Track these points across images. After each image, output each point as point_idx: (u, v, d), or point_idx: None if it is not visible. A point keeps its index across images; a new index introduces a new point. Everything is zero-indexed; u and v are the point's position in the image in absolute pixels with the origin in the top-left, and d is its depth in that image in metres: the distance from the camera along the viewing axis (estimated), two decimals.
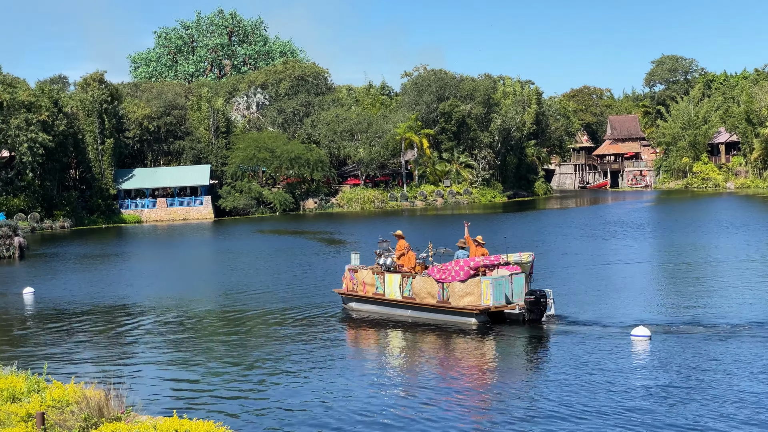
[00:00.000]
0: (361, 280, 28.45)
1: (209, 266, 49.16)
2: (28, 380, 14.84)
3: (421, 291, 26.52)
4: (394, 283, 27.39)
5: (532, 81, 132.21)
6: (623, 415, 15.86)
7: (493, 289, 24.96)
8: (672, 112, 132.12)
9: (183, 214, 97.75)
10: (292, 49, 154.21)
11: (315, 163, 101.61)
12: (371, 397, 17.98)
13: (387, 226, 71.72)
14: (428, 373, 20.22)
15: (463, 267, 25.44)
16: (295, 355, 22.52)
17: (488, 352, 22.43)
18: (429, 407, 16.98)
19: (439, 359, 21.90)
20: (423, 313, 26.48)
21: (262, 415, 17.00)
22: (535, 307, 24.74)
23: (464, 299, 25.26)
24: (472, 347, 22.96)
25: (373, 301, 28.19)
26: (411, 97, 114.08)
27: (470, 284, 25.20)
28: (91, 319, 29.80)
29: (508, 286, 25.26)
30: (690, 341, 21.87)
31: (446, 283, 25.71)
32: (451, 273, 25.62)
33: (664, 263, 40.16)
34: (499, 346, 22.94)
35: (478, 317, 25.09)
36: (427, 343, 23.85)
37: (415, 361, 21.79)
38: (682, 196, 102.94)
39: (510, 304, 25.15)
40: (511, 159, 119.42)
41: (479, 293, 25.06)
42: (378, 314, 27.76)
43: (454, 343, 23.49)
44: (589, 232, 57.21)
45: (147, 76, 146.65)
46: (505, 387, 18.52)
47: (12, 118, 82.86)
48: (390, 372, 20.80)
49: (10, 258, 54.63)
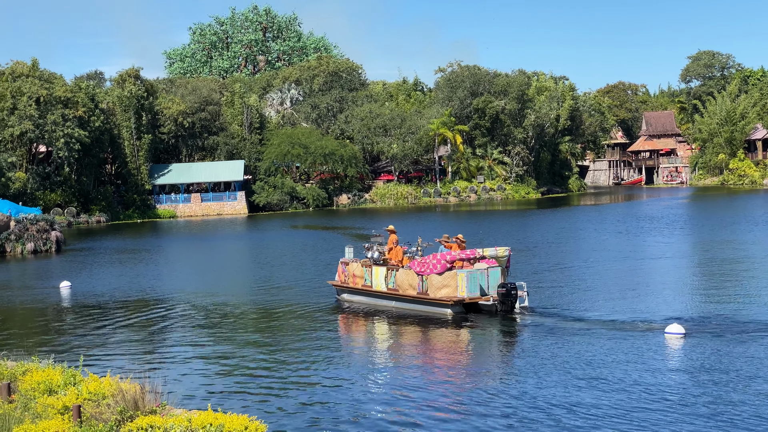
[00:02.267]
0: (352, 272, 30.11)
1: (241, 261, 49.43)
2: (64, 373, 14.99)
3: (404, 283, 28.04)
4: (380, 275, 28.99)
5: (567, 77, 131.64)
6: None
7: (468, 282, 26.48)
8: (708, 108, 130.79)
9: (217, 209, 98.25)
10: (325, 45, 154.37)
11: (348, 159, 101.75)
12: (374, 391, 18.04)
13: (420, 222, 71.74)
14: (405, 362, 21.35)
15: (440, 260, 26.79)
16: (313, 348, 22.75)
17: (458, 341, 23.96)
18: (405, 398, 17.39)
19: (416, 348, 23.36)
20: (405, 303, 28.06)
21: (293, 407, 17.07)
22: (506, 299, 26.06)
23: (441, 291, 26.69)
24: (445, 336, 24.47)
25: (362, 292, 29.75)
26: (444, 92, 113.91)
27: (447, 277, 26.62)
28: (127, 313, 30.06)
29: (484, 278, 26.80)
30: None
31: (425, 275, 27.13)
32: (429, 266, 27.03)
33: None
34: (468, 335, 24.33)
35: (453, 308, 26.54)
36: (407, 333, 25.32)
37: (396, 351, 22.95)
38: (718, 193, 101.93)
39: (485, 296, 26.60)
40: (544, 155, 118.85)
41: (455, 285, 26.51)
42: (366, 305, 29.26)
43: (430, 333, 24.83)
44: (621, 228, 56.86)
45: (182, 72, 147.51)
46: (469, 372, 19.91)
47: (49, 114, 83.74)
48: (377, 364, 21.26)
49: (47, 252, 55.22)
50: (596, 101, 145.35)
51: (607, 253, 42.64)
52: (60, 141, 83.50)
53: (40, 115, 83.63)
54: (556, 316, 25.81)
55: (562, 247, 46.73)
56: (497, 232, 58.06)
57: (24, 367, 16.03)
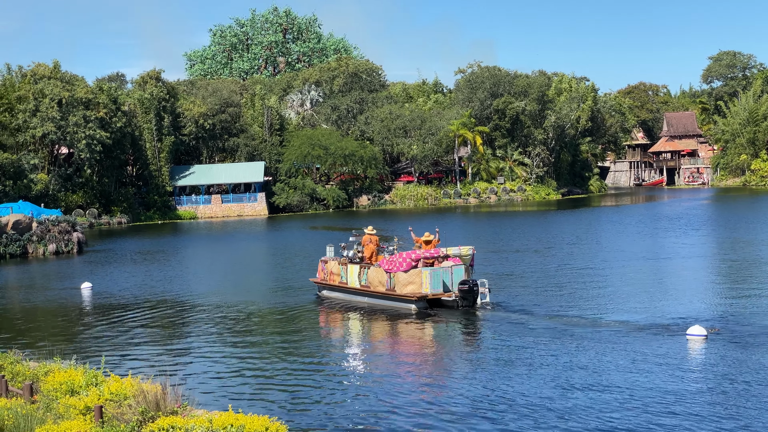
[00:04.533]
0: (330, 270, 31.83)
1: (261, 262, 49.55)
2: (86, 374, 15.06)
3: (374, 280, 29.71)
4: (354, 273, 30.69)
5: (587, 77, 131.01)
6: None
7: (431, 279, 28.09)
8: (731, 109, 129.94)
9: (237, 210, 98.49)
10: (345, 46, 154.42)
11: (368, 160, 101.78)
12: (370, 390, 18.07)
13: (439, 223, 71.59)
14: (368, 354, 23.06)
15: (405, 259, 28.45)
16: (324, 345, 22.85)
17: (419, 333, 25.69)
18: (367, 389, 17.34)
19: (383, 341, 25.25)
20: (375, 299, 29.68)
21: (313, 409, 17.09)
22: (467, 295, 27.72)
23: (407, 287, 28.31)
24: (409, 329, 26.17)
25: (338, 289, 31.48)
26: (464, 93, 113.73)
27: (412, 274, 28.29)
28: (148, 314, 30.18)
29: (448, 276, 28.31)
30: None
31: (393, 273, 28.76)
32: (396, 264, 28.62)
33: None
34: (429, 328, 26.00)
35: (418, 303, 28.06)
36: (377, 327, 27.02)
37: (369, 348, 24.29)
38: (740, 194, 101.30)
39: (447, 292, 28.11)
40: (565, 156, 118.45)
41: (420, 282, 28.17)
42: (343, 301, 30.91)
43: (396, 326, 26.55)
44: (640, 229, 56.62)
45: (202, 74, 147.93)
46: (424, 362, 21.82)
47: (71, 116, 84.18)
48: (355, 360, 21.77)
49: (68, 253, 55.53)
50: (617, 102, 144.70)
51: (615, 254, 42.50)
52: (82, 142, 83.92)
53: (61, 117, 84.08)
54: (517, 312, 27.13)
55: (564, 248, 46.62)
56: (516, 232, 57.96)
57: (46, 367, 16.12)
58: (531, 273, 37.22)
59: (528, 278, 35.51)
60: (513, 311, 27.34)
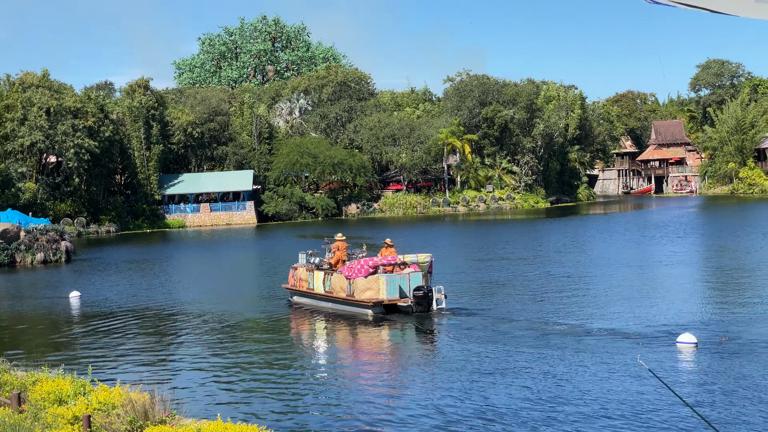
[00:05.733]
0: (299, 276, 32.91)
1: (248, 270, 49.51)
2: (74, 383, 15.01)
3: (336, 286, 30.62)
4: (319, 279, 31.67)
5: (575, 86, 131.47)
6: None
7: (388, 285, 28.98)
8: (719, 117, 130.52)
9: (226, 219, 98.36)
10: (334, 55, 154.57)
11: (357, 169, 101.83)
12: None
13: (428, 231, 71.77)
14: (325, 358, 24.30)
15: (363, 266, 29.34)
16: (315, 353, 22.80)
17: (373, 337, 26.85)
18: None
19: (346, 347, 26.19)
20: (338, 305, 30.61)
21: (304, 416, 17.08)
22: (422, 301, 28.52)
23: (365, 293, 29.19)
24: (368, 334, 27.26)
25: (306, 294, 32.40)
26: (453, 102, 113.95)
27: (370, 280, 29.16)
28: (136, 323, 30.11)
29: (405, 282, 29.14)
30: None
31: (352, 279, 29.61)
32: (355, 270, 29.48)
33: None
34: (383, 332, 27.06)
35: (374, 309, 28.99)
36: (339, 333, 28.02)
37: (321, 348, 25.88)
38: (728, 202, 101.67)
39: (404, 298, 28.90)
40: (554, 164, 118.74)
41: (377, 288, 29.04)
42: (310, 306, 31.84)
43: (355, 331, 27.58)
44: (628, 237, 56.77)
45: (191, 82, 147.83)
46: (373, 363, 22.93)
47: (59, 124, 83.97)
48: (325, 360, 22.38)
49: (56, 262, 55.34)
50: (605, 110, 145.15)
51: (601, 262, 42.61)
52: (70, 151, 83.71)
53: (50, 126, 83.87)
54: (472, 317, 27.81)
55: (551, 256, 46.71)
56: (504, 240, 58.03)
57: (34, 377, 16.06)
58: (512, 280, 37.38)
59: (507, 286, 35.73)
60: (469, 317, 27.91)
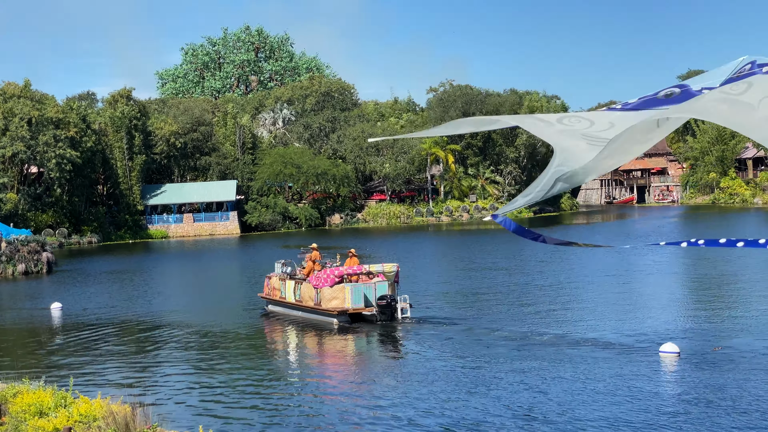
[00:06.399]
0: (272, 285, 33.40)
1: (230, 280, 49.40)
2: (55, 395, 14.94)
3: (305, 295, 31.14)
4: (290, 288, 32.21)
5: (558, 96, 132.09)
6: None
7: (352, 294, 29.44)
8: (700, 127, 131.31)
9: (209, 229, 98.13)
10: (318, 65, 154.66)
11: (341, 179, 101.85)
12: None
13: (411, 241, 71.80)
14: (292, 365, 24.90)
15: (329, 275, 29.84)
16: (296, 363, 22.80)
17: (340, 346, 27.21)
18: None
19: (313, 353, 27.14)
20: (307, 313, 31.16)
21: (283, 428, 17.05)
22: (385, 310, 29.00)
23: (332, 302, 29.69)
24: (333, 341, 27.80)
25: (279, 303, 32.99)
26: (437, 112, 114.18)
27: (336, 290, 29.64)
28: (118, 334, 29.98)
29: (371, 291, 29.54)
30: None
31: (319, 288, 30.13)
32: (322, 280, 30.01)
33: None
34: (349, 342, 27.36)
35: (339, 318, 29.45)
36: (309, 339, 28.67)
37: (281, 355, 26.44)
38: (709, 212, 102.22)
39: (369, 307, 29.38)
40: (537, 174, 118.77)
41: (343, 297, 29.54)
42: (283, 315, 32.34)
43: (323, 339, 28.17)
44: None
45: (174, 92, 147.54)
46: (334, 368, 24.05)
47: (41, 135, 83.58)
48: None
49: (38, 273, 55.02)
50: None
51: (581, 272, 42.77)
52: (52, 162, 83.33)
53: (31, 136, 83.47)
54: (435, 325, 28.35)
55: (533, 266, 46.85)
56: (486, 250, 58.13)
57: (14, 389, 15.97)
58: (489, 290, 37.50)
59: (483, 295, 35.86)
60: (433, 325, 28.24)
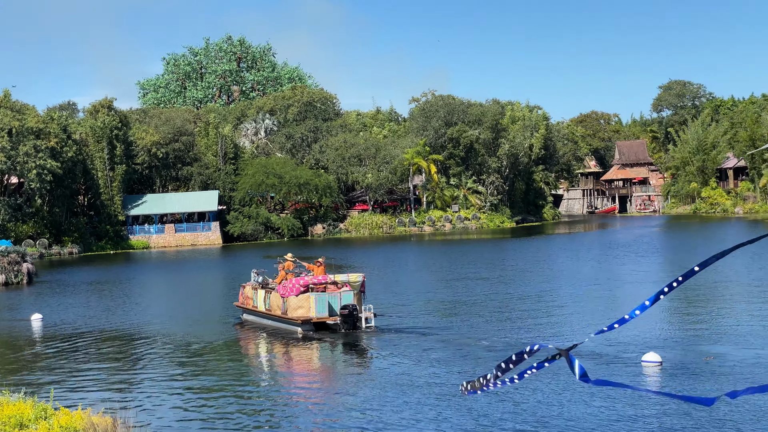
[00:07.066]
0: (246, 294, 34.02)
1: (210, 291, 49.24)
2: (35, 407, 14.82)
3: (273, 304, 31.60)
4: (261, 297, 32.72)
5: (540, 106, 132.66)
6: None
7: (316, 304, 29.93)
8: (681, 137, 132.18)
9: (191, 239, 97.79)
10: (300, 75, 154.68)
11: (323, 189, 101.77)
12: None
13: (393, 251, 71.81)
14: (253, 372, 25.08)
15: (295, 285, 30.32)
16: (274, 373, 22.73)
17: (302, 354, 27.78)
18: None
19: (286, 362, 27.47)
20: (275, 322, 31.61)
21: None
22: (348, 319, 29.36)
23: (297, 311, 30.15)
24: (297, 349, 28.20)
25: (252, 312, 33.52)
26: (419, 122, 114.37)
27: (301, 299, 30.14)
28: (99, 346, 29.80)
29: (336, 301, 29.97)
30: None
31: (285, 297, 30.50)
32: (288, 289, 30.44)
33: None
34: (310, 349, 27.98)
35: (303, 326, 29.97)
36: (274, 347, 29.13)
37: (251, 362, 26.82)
38: (690, 221, 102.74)
39: (333, 316, 29.81)
40: (519, 184, 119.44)
41: (308, 306, 30.01)
42: (256, 323, 32.81)
43: (287, 347, 28.62)
44: (591, 256, 57.15)
45: (155, 102, 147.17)
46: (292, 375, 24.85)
47: (21, 145, 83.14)
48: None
49: (18, 284, 54.65)
50: (570, 130, 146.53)
51: (563, 281, 42.85)
52: (32, 172, 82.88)
53: (12, 147, 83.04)
54: (400, 334, 28.71)
55: (515, 276, 46.93)
56: (468, 260, 58.19)
57: None
58: (467, 300, 37.57)
59: (461, 305, 36.00)
60: (398, 334, 28.59)
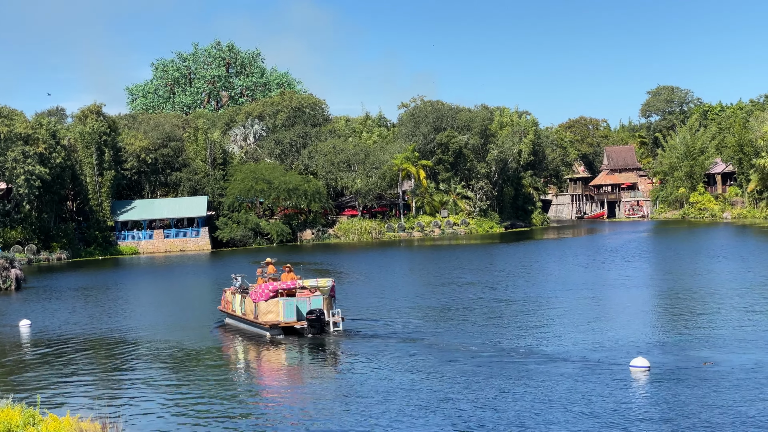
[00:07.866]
0: (226, 299, 35.11)
1: (198, 297, 49.17)
2: (23, 413, 14.79)
3: (247, 309, 32.53)
4: (238, 302, 33.64)
5: (529, 111, 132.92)
6: None
7: (285, 309, 30.69)
8: (669, 142, 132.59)
9: (180, 245, 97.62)
10: (289, 81, 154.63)
11: (312, 194, 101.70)
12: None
13: (382, 256, 71.86)
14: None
15: (264, 290, 31.17)
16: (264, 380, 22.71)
17: (271, 357, 28.22)
18: None
19: (245, 362, 28.35)
20: (249, 326, 32.34)
21: None
22: (315, 323, 30.10)
23: (267, 316, 31.01)
24: (268, 353, 28.70)
25: (232, 316, 34.34)
26: (408, 128, 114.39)
27: (270, 304, 31.00)
28: (87, 352, 29.75)
29: (304, 305, 30.76)
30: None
31: (257, 302, 31.36)
32: (259, 294, 31.31)
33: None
34: (281, 353, 28.44)
35: (272, 331, 30.72)
36: (247, 352, 29.58)
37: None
38: (679, 226, 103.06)
39: (301, 320, 30.48)
40: (508, 189, 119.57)
41: (277, 311, 30.84)
42: (236, 327, 33.44)
43: (258, 350, 29.15)
44: (580, 261, 57.28)
45: (144, 108, 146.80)
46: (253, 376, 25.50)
47: (9, 151, 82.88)
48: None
49: (6, 290, 54.46)
50: (558, 136, 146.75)
51: (551, 285, 42.96)
52: (20, 178, 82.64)
53: (0, 152, 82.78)
54: (366, 338, 29.26)
55: (503, 281, 47.01)
56: (457, 265, 58.25)
57: None
58: (452, 305, 37.78)
59: (443, 310, 36.34)
60: (364, 339, 29.17)
